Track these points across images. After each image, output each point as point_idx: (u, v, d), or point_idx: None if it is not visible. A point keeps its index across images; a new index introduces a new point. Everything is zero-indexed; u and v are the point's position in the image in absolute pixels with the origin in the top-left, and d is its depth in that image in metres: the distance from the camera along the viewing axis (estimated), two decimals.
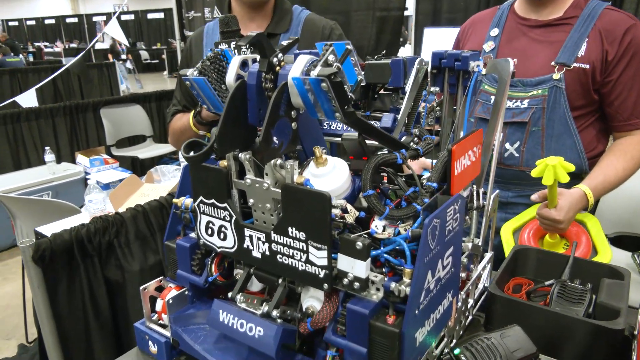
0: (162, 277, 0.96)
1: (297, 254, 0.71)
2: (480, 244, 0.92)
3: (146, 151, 5.15)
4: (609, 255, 1.36)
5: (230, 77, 0.73)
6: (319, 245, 0.68)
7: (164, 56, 15.06)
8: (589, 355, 0.83)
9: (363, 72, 0.94)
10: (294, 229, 0.70)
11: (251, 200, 0.75)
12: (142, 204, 2.18)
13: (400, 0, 3.94)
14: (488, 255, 1.02)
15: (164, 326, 0.92)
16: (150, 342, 0.91)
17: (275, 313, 0.75)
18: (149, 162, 4.88)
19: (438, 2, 3.82)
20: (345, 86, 0.67)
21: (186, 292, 0.91)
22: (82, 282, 1.94)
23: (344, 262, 0.68)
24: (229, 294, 0.81)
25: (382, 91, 0.99)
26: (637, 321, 0.86)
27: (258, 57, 0.74)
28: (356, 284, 0.68)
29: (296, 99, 0.68)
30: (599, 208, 2.11)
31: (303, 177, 0.70)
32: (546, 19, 1.52)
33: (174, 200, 0.90)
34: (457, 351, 0.80)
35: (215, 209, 0.79)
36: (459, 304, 0.86)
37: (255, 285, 0.86)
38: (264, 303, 0.77)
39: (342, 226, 0.70)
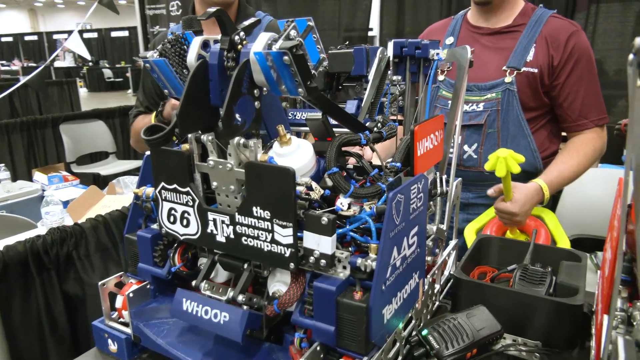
0: (122, 273, 0.92)
1: (262, 234, 0.70)
2: (445, 228, 0.93)
3: (109, 168, 5.01)
4: (567, 244, 1.41)
5: (191, 57, 0.73)
6: (284, 223, 0.67)
7: (129, 74, 14.81)
8: (552, 332, 0.85)
9: (326, 62, 0.95)
10: (258, 208, 0.69)
11: (214, 183, 0.74)
12: (104, 214, 2.11)
13: (364, 20, 4.06)
14: (453, 242, 1.03)
15: (124, 324, 0.88)
16: (109, 341, 0.86)
17: (241, 298, 0.74)
18: (112, 178, 4.73)
19: (401, 20, 3.95)
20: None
21: (148, 286, 0.88)
22: (38, 297, 1.84)
23: (310, 240, 0.67)
24: (193, 283, 0.79)
25: (346, 82, 1.00)
26: (595, 297, 0.89)
27: (219, 37, 0.74)
28: (322, 262, 0.67)
29: (259, 76, 0.67)
30: (558, 212, 2.19)
31: (267, 155, 0.69)
32: (496, 26, 1.59)
33: (134, 190, 0.88)
34: (424, 332, 0.81)
35: (178, 195, 0.77)
36: (426, 287, 0.86)
37: (221, 277, 0.84)
38: (229, 289, 0.75)
39: (307, 205, 0.69)
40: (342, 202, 0.70)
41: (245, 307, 0.75)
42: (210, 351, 0.79)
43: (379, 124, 0.87)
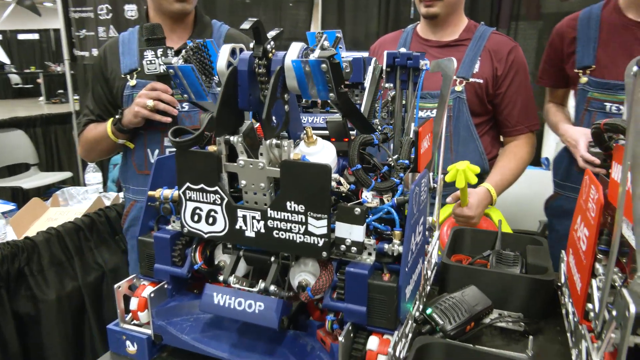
0: (134, 275, 0.92)
1: (295, 227, 0.76)
2: (435, 220, 1.04)
3: (31, 181, 4.65)
4: None
5: (221, 64, 0.77)
6: (319, 215, 0.74)
7: (40, 80, 13.70)
8: (530, 304, 0.98)
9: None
10: (292, 202, 0.75)
11: (243, 182, 0.79)
12: (56, 226, 2.00)
13: (305, 30, 4.19)
14: (436, 234, 1.15)
15: (139, 326, 0.89)
16: (128, 342, 0.86)
17: (273, 288, 0.79)
18: (35, 192, 4.40)
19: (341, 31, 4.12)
20: None
21: (166, 286, 0.89)
22: None
23: (342, 229, 0.74)
24: (220, 278, 0.82)
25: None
26: (561, 272, 1.05)
27: (243, 46, 0.79)
28: (353, 249, 0.75)
29: (292, 82, 0.74)
30: None
31: (299, 153, 0.76)
32: (444, 40, 1.78)
33: (150, 192, 0.89)
34: (429, 311, 0.91)
35: (204, 194, 0.81)
36: (425, 271, 0.96)
37: (238, 272, 0.88)
38: (260, 281, 0.80)
39: (333, 199, 0.76)
40: (367, 195, 0.78)
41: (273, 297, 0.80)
42: (237, 343, 0.82)
43: (378, 127, 0.96)
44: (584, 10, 1.65)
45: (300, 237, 0.76)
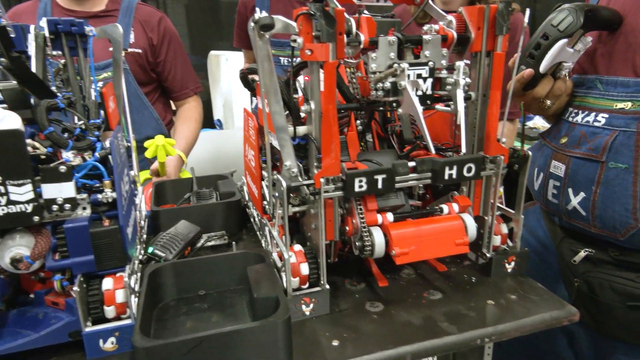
0: None
1: None
2: (136, 174, 1.14)
3: None
4: None
5: None
6: (21, 182, 0.73)
7: None
8: (228, 222, 1.23)
9: None
10: None
11: None
12: None
13: None
14: (140, 187, 1.25)
15: None
16: None
17: None
18: None
19: None
20: None
21: None
22: None
23: (51, 190, 0.76)
24: None
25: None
26: (245, 193, 1.34)
27: None
28: (67, 206, 0.78)
29: None
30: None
31: None
32: (91, 10, 1.79)
33: None
34: (150, 249, 1.03)
35: None
36: (138, 220, 1.07)
37: None
38: None
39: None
40: (68, 155, 0.81)
41: None
42: None
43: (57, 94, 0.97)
44: None
45: (3, 209, 0.74)
